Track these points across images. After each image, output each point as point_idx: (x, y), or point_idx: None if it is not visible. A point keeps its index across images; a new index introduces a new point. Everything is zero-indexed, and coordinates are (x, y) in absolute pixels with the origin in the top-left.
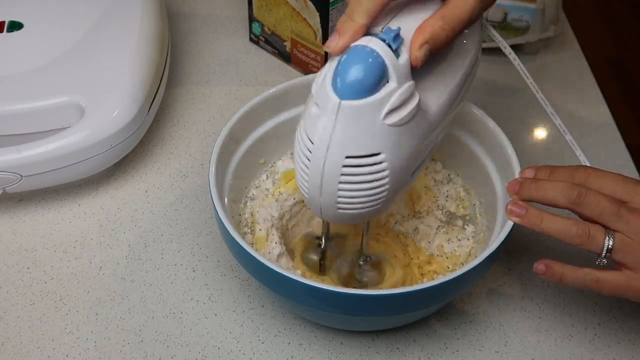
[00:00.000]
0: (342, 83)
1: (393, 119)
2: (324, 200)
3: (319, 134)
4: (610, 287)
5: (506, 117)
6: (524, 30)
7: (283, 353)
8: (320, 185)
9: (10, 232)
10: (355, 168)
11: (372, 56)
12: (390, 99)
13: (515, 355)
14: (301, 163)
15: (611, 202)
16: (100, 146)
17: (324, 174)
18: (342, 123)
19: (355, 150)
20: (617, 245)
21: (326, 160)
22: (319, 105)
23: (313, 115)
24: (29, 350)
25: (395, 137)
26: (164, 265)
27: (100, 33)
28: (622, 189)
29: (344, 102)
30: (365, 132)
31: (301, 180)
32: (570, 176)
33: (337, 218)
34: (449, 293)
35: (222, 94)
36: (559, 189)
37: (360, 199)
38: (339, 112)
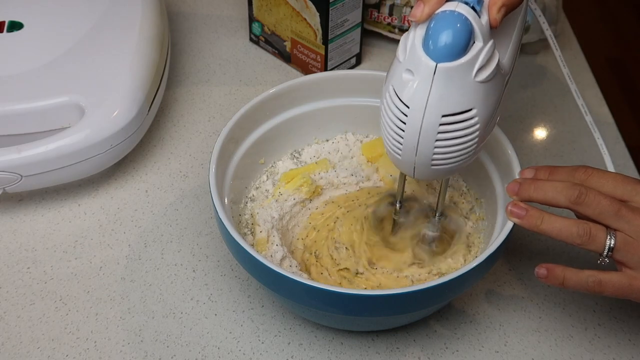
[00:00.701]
0: (436, 47)
1: (482, 76)
2: (419, 159)
3: (416, 97)
4: (612, 289)
5: (506, 117)
6: (524, 30)
7: (283, 353)
8: (417, 146)
9: (10, 232)
10: (451, 125)
11: (461, 20)
12: (479, 58)
13: (515, 355)
14: (394, 127)
15: (612, 202)
16: (100, 146)
17: (421, 134)
18: (438, 84)
19: (451, 108)
20: (618, 244)
21: (424, 121)
22: (412, 70)
23: (405, 80)
24: (29, 350)
25: (483, 92)
26: (164, 265)
27: (100, 33)
28: (623, 188)
29: (439, 65)
30: (459, 91)
31: (394, 144)
32: (570, 176)
33: (430, 175)
34: (449, 293)
35: (222, 94)
36: (559, 189)
37: (454, 154)
38: (435, 75)
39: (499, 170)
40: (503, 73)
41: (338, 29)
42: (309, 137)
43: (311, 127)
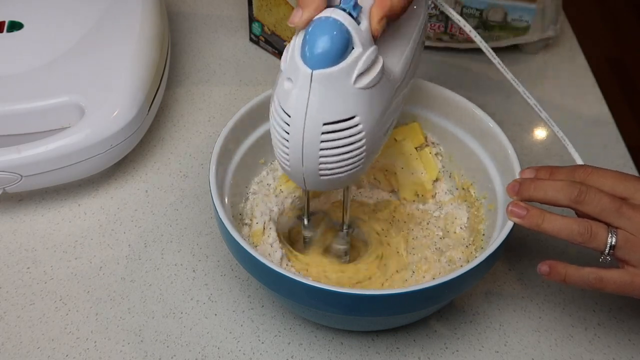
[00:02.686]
0: (312, 54)
1: (363, 82)
2: (307, 169)
3: (295, 106)
4: (614, 286)
5: (505, 117)
6: (524, 30)
7: (283, 353)
8: (302, 156)
9: (10, 232)
10: (334, 133)
11: (337, 26)
12: (358, 64)
13: (515, 355)
14: (280, 138)
15: (612, 200)
16: (100, 146)
17: (304, 143)
18: (316, 91)
19: (332, 116)
20: (619, 242)
21: (305, 130)
22: (291, 78)
23: (286, 90)
24: (29, 350)
25: (366, 100)
26: (164, 265)
27: (100, 33)
28: (623, 185)
29: (315, 71)
30: (339, 98)
31: (281, 154)
32: (570, 175)
33: (321, 185)
34: (449, 293)
35: (222, 94)
36: (559, 187)
37: (341, 163)
38: (312, 82)
39: (499, 170)
40: (392, 80)
41: None
42: None
43: None
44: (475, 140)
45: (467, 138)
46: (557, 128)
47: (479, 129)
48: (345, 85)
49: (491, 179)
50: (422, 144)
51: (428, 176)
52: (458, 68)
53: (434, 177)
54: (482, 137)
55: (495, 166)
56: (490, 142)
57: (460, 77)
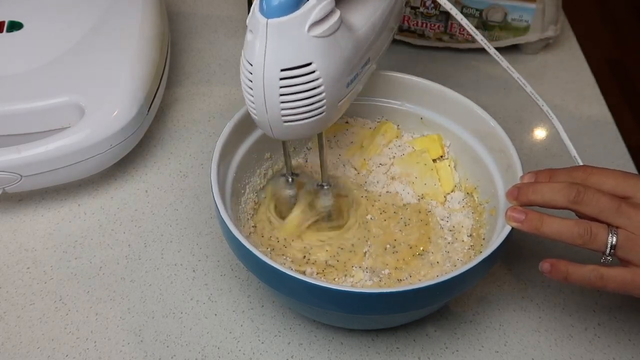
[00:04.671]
0: (268, 5)
1: (317, 31)
2: (271, 116)
3: (255, 54)
4: (615, 284)
5: (506, 117)
6: (524, 30)
7: (283, 353)
8: (264, 103)
9: (10, 232)
10: (292, 79)
11: None
12: (312, 13)
13: (515, 355)
14: (245, 87)
15: (611, 199)
16: (100, 146)
17: (265, 90)
18: (272, 39)
19: (288, 62)
20: (620, 242)
21: (264, 77)
22: (252, 30)
23: (248, 41)
24: (29, 350)
25: (322, 48)
26: (164, 265)
27: (100, 33)
28: (623, 184)
29: (270, 20)
30: (294, 45)
31: (249, 103)
32: (569, 177)
33: (287, 133)
34: (450, 291)
35: (222, 94)
36: (557, 189)
37: (302, 109)
38: (267, 30)
39: (500, 170)
40: (357, 32)
41: None
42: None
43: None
44: (481, 143)
45: (469, 137)
46: (558, 122)
47: (481, 129)
48: (299, 33)
49: (495, 183)
50: (440, 156)
51: (442, 189)
52: (458, 68)
53: (448, 190)
54: (483, 137)
55: (499, 171)
56: (495, 148)
57: (461, 77)
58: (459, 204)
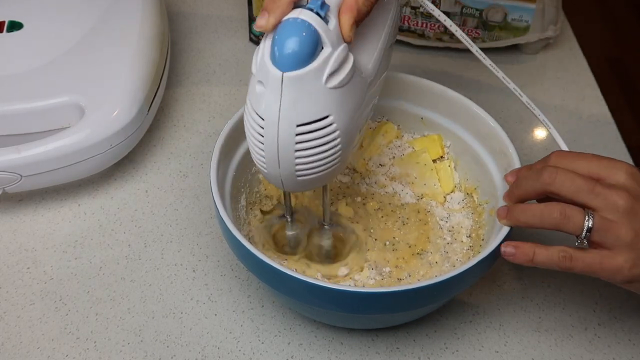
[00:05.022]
0: (281, 56)
1: (335, 81)
2: (283, 171)
3: (268, 109)
4: (582, 265)
5: (506, 117)
6: (524, 30)
7: (283, 353)
8: (278, 158)
9: (10, 232)
10: (308, 134)
11: (305, 27)
12: (329, 63)
13: (515, 355)
14: (255, 141)
15: (586, 180)
16: (100, 146)
17: (279, 146)
18: (288, 94)
19: (305, 117)
20: (596, 224)
21: (279, 133)
22: (262, 82)
23: (258, 93)
24: (29, 350)
25: (339, 99)
26: (164, 265)
27: (100, 33)
28: (597, 165)
29: (286, 74)
30: (311, 99)
31: (258, 157)
32: (544, 162)
33: (299, 186)
34: (449, 291)
35: (222, 94)
36: (533, 176)
37: (317, 163)
38: (283, 84)
39: (500, 172)
40: (364, 77)
41: None
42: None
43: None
44: (481, 143)
45: (474, 142)
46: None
47: (485, 132)
48: (316, 86)
49: (495, 184)
50: (440, 156)
51: (442, 189)
52: (458, 68)
53: (448, 190)
54: (487, 141)
55: (499, 172)
56: (495, 149)
57: (461, 77)
58: (459, 204)
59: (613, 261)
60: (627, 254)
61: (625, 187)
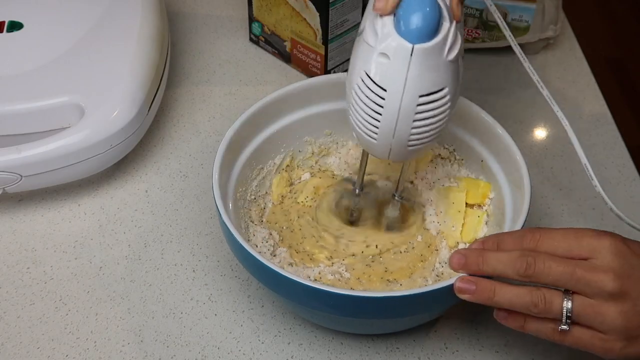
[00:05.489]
0: (409, 29)
1: (452, 55)
2: (397, 140)
3: (394, 80)
4: (572, 340)
5: (506, 117)
6: (524, 30)
7: (283, 353)
8: (395, 127)
9: (10, 232)
10: (426, 105)
11: (430, 2)
12: (449, 37)
13: (515, 355)
14: (371, 112)
15: (565, 266)
16: (100, 146)
17: (400, 116)
18: (416, 66)
19: (427, 88)
20: (576, 307)
21: (402, 102)
22: (387, 54)
23: (380, 64)
24: (29, 350)
25: (454, 71)
26: (164, 265)
27: (100, 33)
28: (577, 246)
29: (416, 46)
30: (434, 70)
31: (369, 129)
32: (518, 243)
33: (405, 155)
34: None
35: (222, 94)
36: (506, 261)
37: (429, 132)
38: (413, 57)
39: (507, 177)
40: (461, 49)
41: (338, 29)
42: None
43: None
44: (482, 143)
45: (474, 142)
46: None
47: (486, 133)
48: (439, 58)
49: (499, 184)
50: (478, 204)
51: (460, 235)
52: None
53: (466, 240)
54: (489, 142)
55: (503, 172)
56: (498, 148)
57: None
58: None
59: (603, 342)
60: (617, 335)
61: (610, 267)
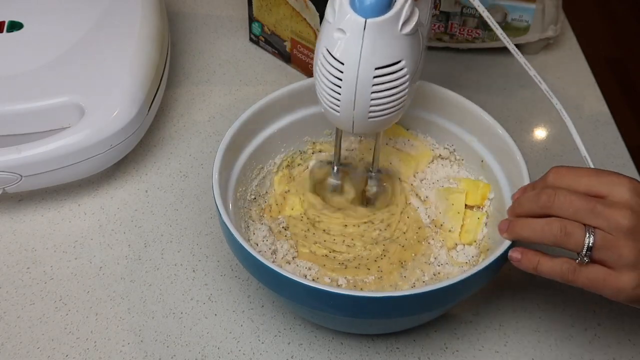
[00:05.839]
0: (363, 4)
1: (407, 29)
2: (357, 113)
3: (349, 53)
4: (585, 279)
5: (506, 117)
6: (524, 30)
7: (283, 353)
8: (354, 100)
9: (10, 232)
10: (383, 77)
11: None
12: (403, 12)
13: (515, 355)
14: (331, 85)
15: (585, 200)
16: (100, 146)
17: (357, 88)
18: (369, 39)
19: (382, 60)
20: (598, 242)
21: (358, 75)
22: (342, 28)
23: (337, 39)
24: (29, 350)
25: (409, 45)
26: (164, 265)
27: (100, 33)
28: (597, 183)
29: (369, 20)
30: (388, 44)
31: (332, 100)
32: (543, 182)
33: (368, 127)
34: (454, 296)
35: (222, 94)
36: (530, 197)
37: (388, 104)
38: (365, 30)
39: (505, 172)
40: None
41: None
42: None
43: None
44: (483, 144)
45: (474, 141)
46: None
47: (485, 132)
48: (393, 32)
49: (499, 183)
50: (478, 205)
51: (459, 238)
52: (458, 68)
53: (465, 241)
54: (489, 141)
55: (504, 172)
56: (498, 146)
57: (461, 77)
58: (466, 260)
59: (616, 280)
60: (630, 273)
61: (628, 204)
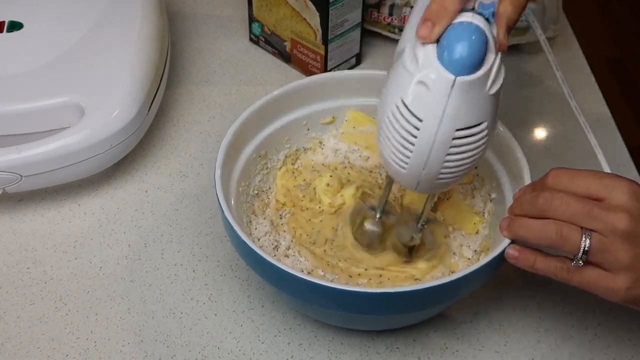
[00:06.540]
0: (452, 60)
1: (495, 89)
2: (427, 173)
3: (431, 111)
4: (579, 279)
5: (506, 117)
6: (524, 30)
7: (283, 353)
8: (426, 160)
9: (10, 232)
10: (463, 139)
11: (478, 32)
12: (493, 70)
13: (515, 355)
14: (402, 141)
15: (582, 203)
16: (100, 146)
17: (433, 148)
18: (456, 99)
19: (465, 122)
20: (594, 245)
21: (437, 135)
22: (426, 82)
23: (418, 94)
24: (29, 350)
25: (493, 105)
26: (164, 265)
27: (100, 33)
28: (596, 185)
29: (458, 78)
30: (474, 104)
31: (399, 159)
32: (541, 183)
33: (434, 188)
34: (456, 292)
35: (222, 94)
36: (528, 199)
37: (462, 167)
38: (453, 89)
39: (506, 171)
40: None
41: (338, 29)
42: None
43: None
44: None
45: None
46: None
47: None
48: (481, 92)
49: (500, 183)
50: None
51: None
52: None
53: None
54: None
55: (506, 172)
56: (500, 147)
57: None
58: (468, 256)
59: (610, 282)
60: (625, 276)
61: (626, 207)
